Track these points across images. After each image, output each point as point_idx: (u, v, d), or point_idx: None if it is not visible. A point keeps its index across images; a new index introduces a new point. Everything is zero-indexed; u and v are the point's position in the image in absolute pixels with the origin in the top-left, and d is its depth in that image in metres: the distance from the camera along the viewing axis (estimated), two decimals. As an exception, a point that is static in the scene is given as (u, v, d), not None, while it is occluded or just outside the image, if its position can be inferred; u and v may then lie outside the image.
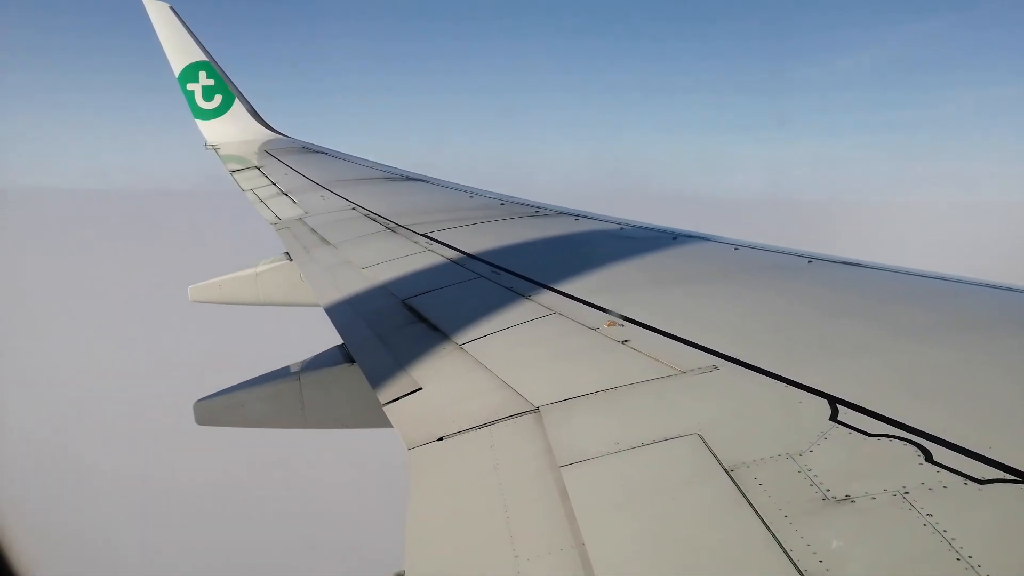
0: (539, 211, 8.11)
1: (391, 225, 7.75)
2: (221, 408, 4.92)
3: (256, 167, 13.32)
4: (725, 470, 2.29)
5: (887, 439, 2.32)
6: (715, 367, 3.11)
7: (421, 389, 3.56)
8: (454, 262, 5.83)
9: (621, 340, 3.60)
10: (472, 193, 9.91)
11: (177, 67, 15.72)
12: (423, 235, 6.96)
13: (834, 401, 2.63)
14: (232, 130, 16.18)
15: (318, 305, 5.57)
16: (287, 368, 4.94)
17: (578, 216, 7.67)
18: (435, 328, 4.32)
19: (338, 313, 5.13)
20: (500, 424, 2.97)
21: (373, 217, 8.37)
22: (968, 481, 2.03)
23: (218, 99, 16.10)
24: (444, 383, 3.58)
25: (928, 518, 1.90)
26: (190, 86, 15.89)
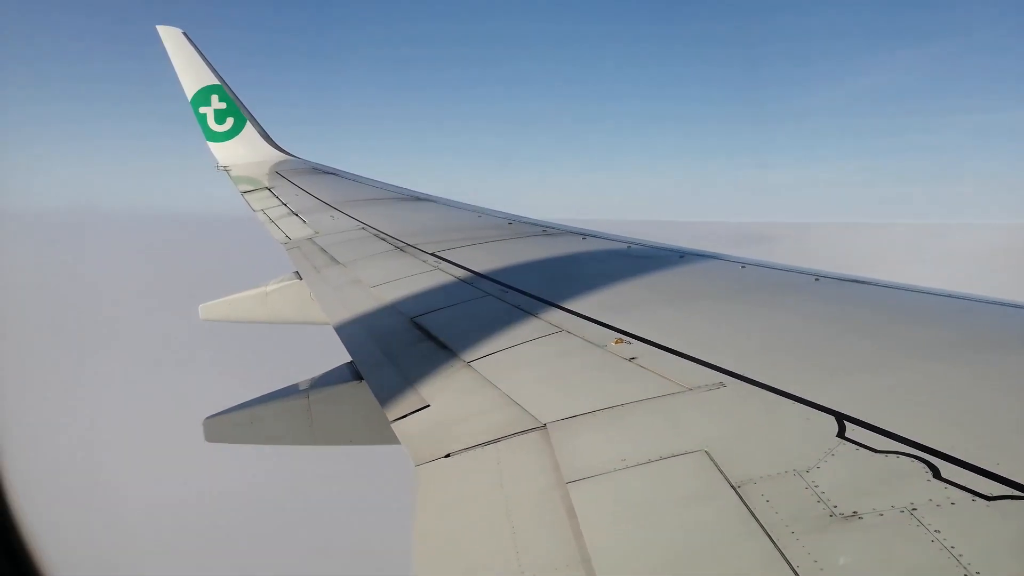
0: (546, 230, 8.15)
1: (400, 244, 7.80)
2: (231, 425, 4.94)
3: (267, 188, 13.45)
4: (732, 487, 2.29)
5: (894, 455, 2.32)
6: (722, 384, 3.11)
7: (429, 406, 3.57)
8: (462, 281, 5.86)
9: (628, 357, 3.61)
10: (480, 213, 9.97)
11: (190, 91, 15.95)
12: (431, 254, 7.01)
13: (841, 418, 2.63)
14: (243, 152, 16.36)
15: (327, 323, 5.60)
16: (296, 385, 4.96)
17: (585, 235, 7.70)
18: (443, 346, 4.34)
19: (347, 331, 5.16)
20: (507, 441, 2.98)
21: (382, 237, 8.43)
22: (976, 497, 2.02)
23: (230, 122, 16.30)
24: (452, 400, 3.60)
25: (936, 534, 1.89)
26: (202, 109, 16.11)
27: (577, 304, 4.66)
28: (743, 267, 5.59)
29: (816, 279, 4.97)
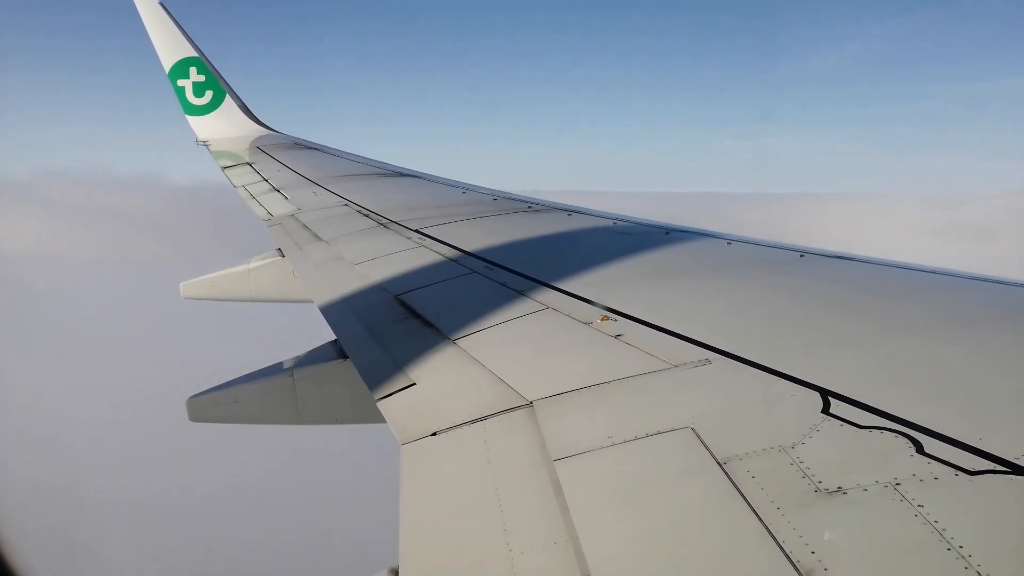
0: (532, 206, 8.11)
1: (384, 221, 7.73)
2: (214, 404, 4.91)
3: (248, 163, 13.27)
4: (718, 463, 2.30)
5: (878, 431, 2.34)
6: (707, 361, 3.12)
7: (415, 384, 3.55)
8: (447, 258, 5.82)
9: (614, 334, 3.60)
10: (465, 189, 9.90)
11: (167, 63, 15.63)
12: (416, 231, 6.95)
13: (826, 394, 2.64)
14: (223, 126, 16.10)
15: (311, 301, 5.56)
16: (280, 364, 4.93)
17: (571, 211, 7.67)
18: (428, 324, 4.32)
19: (331, 309, 5.12)
20: (494, 419, 2.98)
21: (366, 213, 8.35)
22: (959, 472, 2.04)
23: (209, 95, 16.02)
24: (437, 378, 3.58)
25: (919, 509, 1.91)
26: (180, 82, 15.81)
27: (563, 281, 4.65)
28: (728, 244, 5.60)
29: (801, 255, 4.98)
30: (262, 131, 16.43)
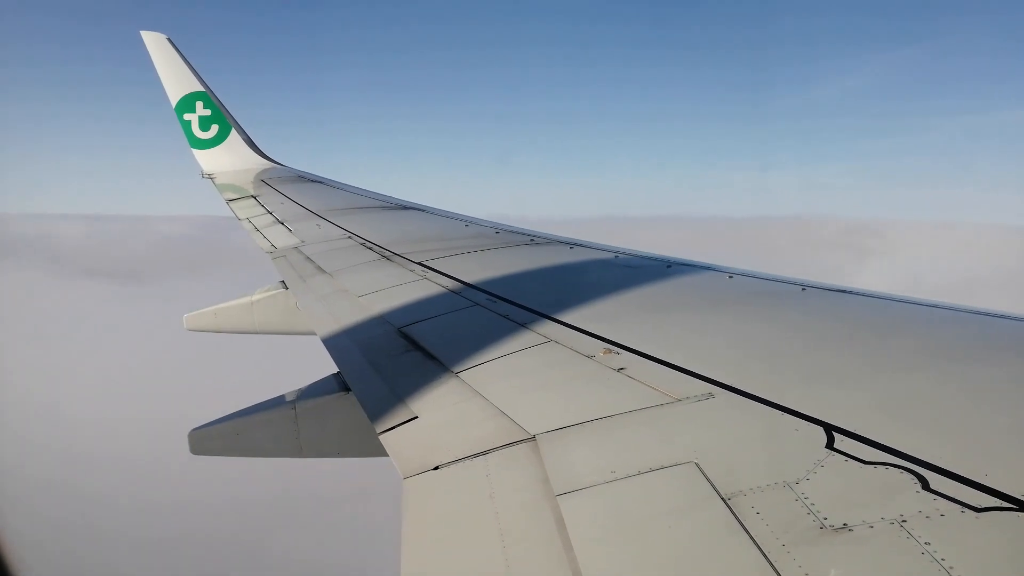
0: (534, 239, 8.15)
1: (387, 254, 7.77)
2: (216, 437, 4.88)
3: (252, 196, 13.39)
4: (722, 498, 2.28)
5: (884, 467, 2.32)
6: (711, 395, 3.11)
7: (417, 418, 3.54)
8: (450, 290, 5.84)
9: (617, 368, 3.60)
10: (467, 222, 9.97)
11: (174, 97, 15.88)
12: (419, 263, 6.99)
13: (830, 429, 2.63)
14: (228, 159, 16.29)
15: (314, 334, 5.56)
16: (283, 397, 4.91)
17: (573, 244, 7.71)
18: (431, 356, 4.32)
19: (334, 342, 5.12)
20: (496, 453, 2.96)
21: (369, 246, 8.40)
22: (965, 509, 2.03)
23: (215, 129, 16.23)
24: (440, 412, 3.57)
25: (926, 547, 1.89)
26: (187, 116, 16.03)
27: (565, 314, 4.65)
28: (730, 277, 5.62)
29: (803, 289, 4.99)
30: (267, 164, 16.61)
